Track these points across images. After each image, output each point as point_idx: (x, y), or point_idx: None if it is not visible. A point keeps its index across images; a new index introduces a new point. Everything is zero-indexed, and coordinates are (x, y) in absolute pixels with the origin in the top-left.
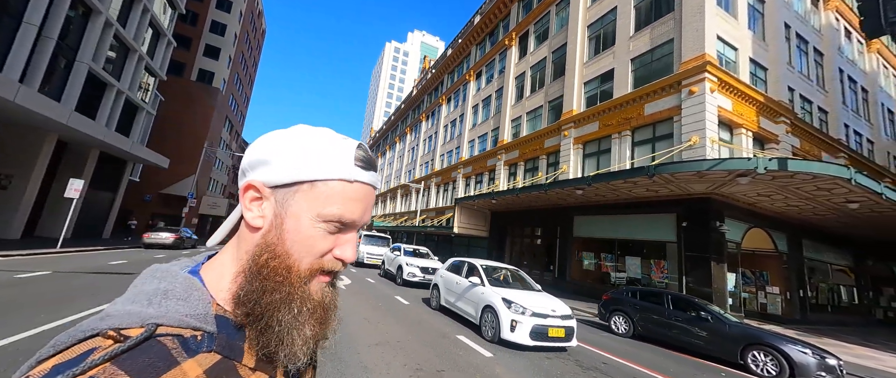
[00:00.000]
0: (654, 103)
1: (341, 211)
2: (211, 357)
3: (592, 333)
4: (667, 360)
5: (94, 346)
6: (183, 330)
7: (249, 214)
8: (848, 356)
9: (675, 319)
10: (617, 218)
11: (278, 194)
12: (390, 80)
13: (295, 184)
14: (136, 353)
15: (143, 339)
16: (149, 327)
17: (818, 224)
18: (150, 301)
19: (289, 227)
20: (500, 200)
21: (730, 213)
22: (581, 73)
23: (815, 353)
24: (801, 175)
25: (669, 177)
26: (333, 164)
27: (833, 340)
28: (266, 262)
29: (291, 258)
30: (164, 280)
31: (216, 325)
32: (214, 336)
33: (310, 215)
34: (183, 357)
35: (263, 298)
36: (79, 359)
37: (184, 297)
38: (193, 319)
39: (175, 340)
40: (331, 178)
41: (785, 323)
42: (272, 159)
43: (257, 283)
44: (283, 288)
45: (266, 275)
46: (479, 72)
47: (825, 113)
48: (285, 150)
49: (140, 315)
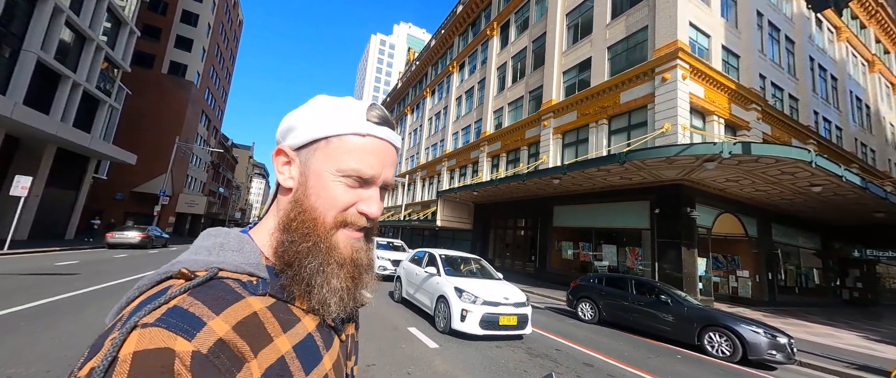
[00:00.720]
0: (629, 91)
1: (358, 164)
2: (267, 298)
3: (558, 321)
4: (625, 344)
5: (169, 284)
6: (240, 275)
7: (281, 177)
8: (807, 334)
9: (638, 304)
10: (594, 207)
11: (302, 155)
12: (377, 73)
13: (313, 142)
14: (205, 288)
15: (209, 278)
16: (212, 269)
17: (787, 209)
18: (209, 251)
19: (312, 183)
20: (481, 192)
21: (700, 199)
22: (560, 62)
23: (766, 332)
24: (765, 159)
25: (641, 163)
26: (346, 120)
27: (798, 320)
28: (296, 217)
29: (317, 212)
30: (220, 236)
31: (267, 272)
32: (267, 281)
33: (329, 170)
34: (245, 292)
35: (292, 248)
36: (159, 294)
37: (237, 248)
38: (248, 267)
39: (235, 282)
40: (344, 133)
41: (755, 305)
42: (297, 125)
43: (288, 236)
44: (310, 238)
45: (295, 227)
46: (462, 63)
47: (796, 100)
48: (306, 115)
49: (204, 261)
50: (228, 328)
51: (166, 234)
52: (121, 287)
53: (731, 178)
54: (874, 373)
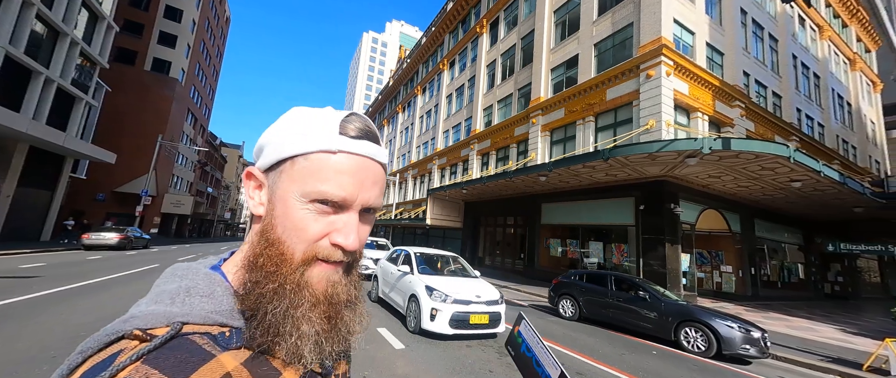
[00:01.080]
0: (615, 88)
1: (325, 186)
2: (242, 352)
3: (539, 318)
4: (602, 340)
5: (120, 348)
6: (209, 327)
7: (251, 203)
8: (787, 328)
9: (617, 300)
10: (581, 204)
11: (270, 178)
12: (369, 71)
13: (278, 163)
14: (165, 352)
15: (170, 338)
16: (174, 326)
17: (769, 204)
18: (173, 300)
19: (278, 211)
20: (470, 190)
21: (684, 195)
22: (548, 59)
23: (740, 327)
24: (745, 154)
25: (624, 160)
26: (313, 135)
27: (779, 314)
28: (261, 252)
29: (284, 245)
30: (186, 278)
31: (243, 319)
32: (241, 331)
33: (295, 196)
34: (217, 351)
35: (255, 290)
36: (106, 362)
37: (207, 293)
38: (219, 316)
39: (204, 337)
40: (310, 152)
41: (738, 300)
42: (266, 143)
43: (252, 275)
44: (275, 278)
45: (260, 264)
46: (453, 60)
47: (779, 98)
48: (276, 131)
49: (164, 314)
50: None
51: (147, 235)
52: (83, 290)
53: (713, 175)
54: (847, 365)
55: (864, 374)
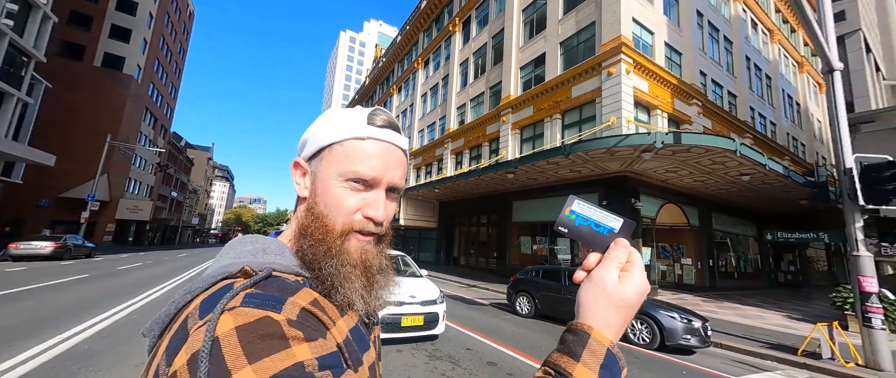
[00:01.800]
0: (580, 86)
1: (356, 166)
2: (313, 292)
3: (493, 317)
4: (551, 337)
5: (231, 282)
6: (288, 274)
7: (297, 187)
8: (737, 316)
9: (570, 295)
10: (549, 200)
11: (312, 165)
12: (347, 71)
13: (319, 151)
14: (268, 282)
15: (268, 275)
16: (267, 269)
17: (725, 198)
18: (254, 255)
19: (320, 190)
20: (443, 189)
21: (645, 190)
22: (517, 57)
23: (682, 317)
24: (696, 149)
25: (585, 155)
26: (346, 126)
27: (732, 303)
28: (310, 224)
29: (327, 218)
30: (259, 242)
31: (308, 275)
32: (309, 279)
33: (333, 176)
34: (299, 287)
35: (310, 251)
36: (225, 288)
37: (279, 253)
38: (293, 267)
39: (289, 278)
40: (344, 139)
41: (697, 291)
42: (309, 138)
43: (305, 241)
44: (324, 243)
45: (310, 233)
46: (427, 59)
47: (734, 97)
48: (316, 127)
49: (256, 262)
50: (306, 303)
51: (92, 244)
52: None
53: (670, 169)
54: (785, 350)
55: (799, 358)
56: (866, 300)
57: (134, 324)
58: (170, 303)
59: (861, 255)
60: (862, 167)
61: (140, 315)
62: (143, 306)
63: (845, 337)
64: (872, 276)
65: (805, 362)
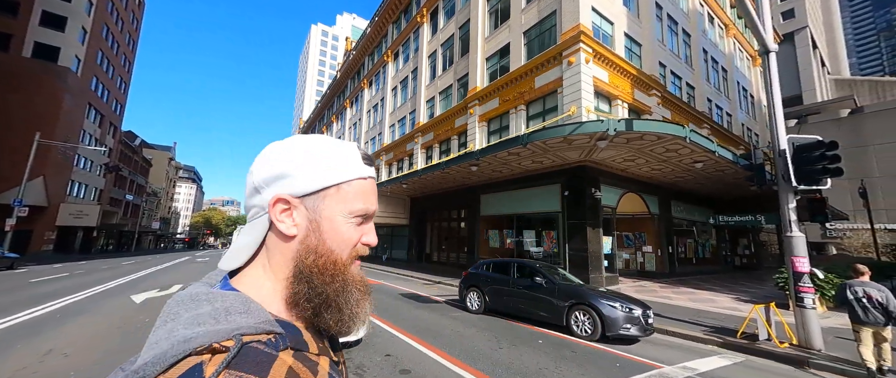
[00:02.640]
0: (542, 76)
1: (365, 205)
2: (290, 352)
3: (440, 315)
4: (489, 335)
5: (199, 361)
6: (260, 335)
7: (283, 225)
8: (689, 301)
9: (518, 288)
10: (515, 193)
11: (308, 202)
12: (320, 66)
13: (321, 190)
14: (242, 358)
15: (242, 346)
16: (237, 337)
17: (683, 186)
18: (217, 320)
19: (325, 228)
20: (410, 184)
21: (605, 179)
22: (483, 48)
23: (623, 305)
24: (649, 136)
25: (542, 145)
26: (350, 166)
27: (688, 288)
28: (314, 263)
29: (334, 254)
30: (216, 301)
31: (281, 327)
32: (284, 335)
33: (342, 214)
34: (274, 351)
35: (326, 291)
36: (193, 371)
37: (244, 311)
38: (264, 326)
39: (260, 344)
40: (352, 179)
41: (657, 277)
42: (294, 172)
43: (309, 285)
44: (338, 278)
45: (317, 272)
46: (397, 52)
47: (692, 88)
48: (305, 162)
49: (221, 331)
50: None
51: (14, 254)
52: None
53: (628, 158)
54: (726, 333)
55: (738, 341)
56: (799, 280)
57: None
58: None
59: (794, 235)
60: (794, 148)
61: None
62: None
63: (781, 317)
64: (804, 256)
65: (743, 345)
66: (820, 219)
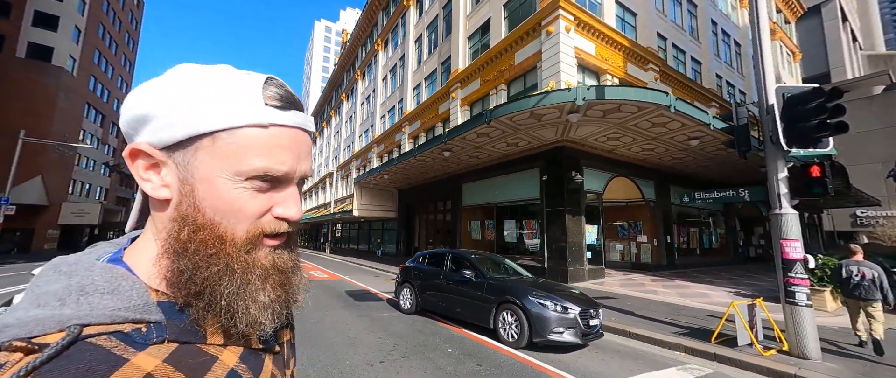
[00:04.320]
0: (522, 51)
1: (265, 163)
2: (166, 347)
3: (363, 316)
4: (396, 343)
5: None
6: (119, 325)
7: (148, 185)
8: (678, 296)
9: (449, 283)
10: (495, 181)
11: (177, 156)
12: (324, 62)
13: (191, 139)
14: (63, 362)
15: (68, 344)
16: (71, 330)
17: (682, 169)
18: (62, 301)
19: (202, 193)
20: (392, 175)
21: (589, 162)
22: (465, 26)
23: (556, 304)
24: (627, 106)
25: (509, 122)
26: (237, 107)
27: (683, 281)
28: (189, 238)
29: (219, 228)
30: (75, 275)
31: (162, 312)
32: (163, 324)
33: (224, 175)
34: (130, 353)
35: (198, 275)
36: None
37: (109, 289)
38: (129, 312)
39: (112, 338)
40: (237, 126)
41: (652, 270)
42: (157, 113)
43: (186, 261)
44: (219, 260)
45: (193, 250)
46: (386, 40)
47: (699, 63)
48: (171, 99)
49: (54, 318)
50: None
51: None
52: None
53: (611, 136)
54: (700, 337)
55: (711, 346)
56: (789, 269)
57: None
58: None
59: (783, 213)
60: (784, 100)
61: None
62: None
63: (770, 316)
64: (796, 239)
65: (716, 352)
66: (818, 191)
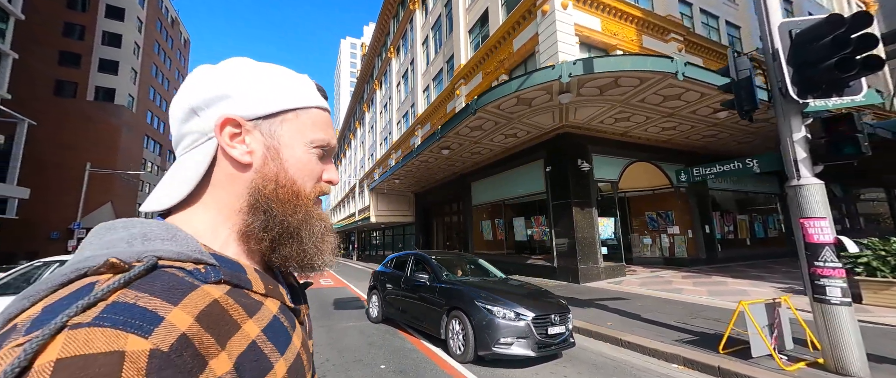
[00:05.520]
0: (520, 36)
1: (324, 135)
2: (222, 286)
3: (333, 326)
4: (327, 358)
5: (93, 280)
6: (184, 263)
7: (236, 151)
8: (704, 295)
9: (407, 289)
10: (501, 176)
11: (263, 126)
12: (351, 78)
13: (279, 113)
14: (149, 279)
15: (151, 268)
16: (148, 259)
17: (718, 148)
18: (130, 243)
19: (286, 155)
20: (405, 179)
21: (598, 148)
22: (465, 20)
23: (505, 310)
24: (626, 79)
25: (497, 109)
26: (308, 93)
27: (722, 276)
28: (274, 192)
29: (297, 185)
30: (134, 226)
31: (214, 259)
32: (218, 268)
33: (302, 142)
34: (197, 281)
35: (287, 220)
36: (83, 290)
37: (168, 237)
38: (191, 253)
39: (180, 271)
40: (310, 106)
41: (687, 265)
42: (237, 93)
43: (275, 210)
44: (300, 210)
45: (277, 202)
46: (398, 46)
47: (737, 28)
48: (254, 83)
49: (128, 253)
50: (191, 320)
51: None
52: None
53: (619, 116)
54: (710, 344)
55: (718, 357)
56: (816, 257)
57: None
58: (6, 308)
59: (803, 184)
60: (792, 39)
61: None
62: None
63: (800, 318)
64: (823, 216)
65: (721, 364)
66: (851, 150)
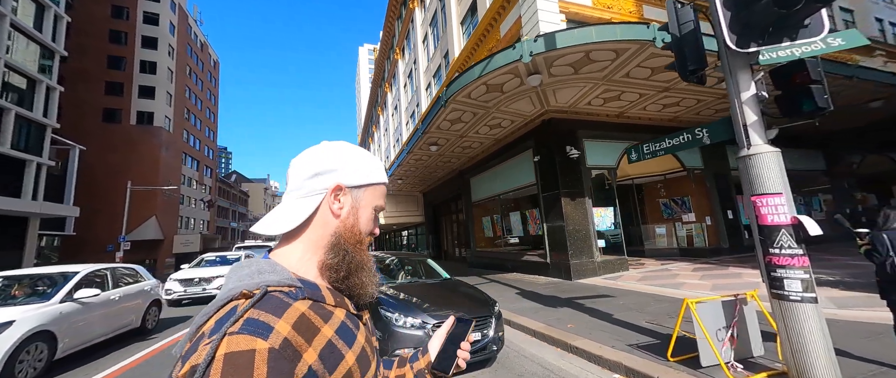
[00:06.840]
0: (505, 21)
1: (383, 203)
2: (307, 302)
3: None
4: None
5: (236, 304)
6: (283, 287)
7: (336, 206)
8: (708, 289)
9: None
10: (495, 170)
11: (354, 192)
12: (370, 83)
13: (367, 185)
14: (264, 302)
15: (265, 293)
16: (263, 287)
17: None
18: (252, 276)
19: (361, 214)
20: (406, 179)
21: (590, 131)
22: (457, 12)
23: (407, 317)
24: (599, 53)
25: (469, 99)
26: (381, 171)
27: (740, 268)
28: (348, 239)
29: (361, 234)
30: (252, 265)
31: (301, 283)
32: (303, 289)
33: (371, 206)
34: (291, 300)
35: (351, 263)
36: (232, 311)
37: (272, 271)
38: (287, 280)
39: (281, 294)
40: (382, 182)
41: (708, 255)
42: (340, 167)
43: (344, 253)
44: (360, 254)
45: (350, 246)
46: (403, 47)
47: None
48: (352, 161)
49: (254, 283)
50: (289, 327)
51: None
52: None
53: (606, 96)
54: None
55: (661, 367)
56: (771, 242)
57: None
58: (192, 323)
59: (754, 153)
60: None
61: None
62: None
63: (770, 318)
64: (779, 192)
65: (660, 376)
66: (809, 107)
